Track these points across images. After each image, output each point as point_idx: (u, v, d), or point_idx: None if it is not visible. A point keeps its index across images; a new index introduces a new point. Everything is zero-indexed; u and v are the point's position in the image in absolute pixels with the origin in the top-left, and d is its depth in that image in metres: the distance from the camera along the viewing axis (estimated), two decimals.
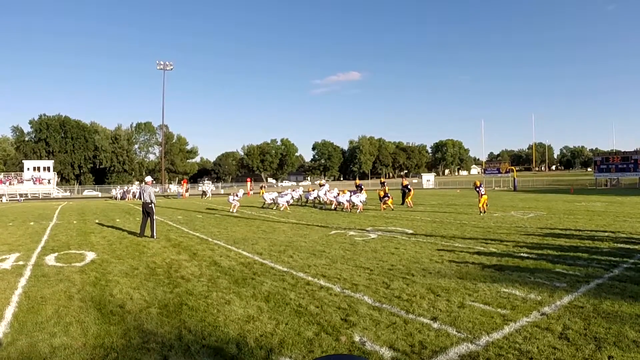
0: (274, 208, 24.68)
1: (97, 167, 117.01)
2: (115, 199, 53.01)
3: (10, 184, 70.98)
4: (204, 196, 51.12)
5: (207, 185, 63.29)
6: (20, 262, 9.22)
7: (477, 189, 19.62)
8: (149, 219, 13.43)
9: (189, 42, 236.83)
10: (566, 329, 4.60)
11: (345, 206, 21.98)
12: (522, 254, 8.85)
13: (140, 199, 14.12)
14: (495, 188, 62.49)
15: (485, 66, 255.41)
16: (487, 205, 19.68)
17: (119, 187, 64.33)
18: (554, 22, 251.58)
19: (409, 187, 25.43)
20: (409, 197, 24.81)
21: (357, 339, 4.47)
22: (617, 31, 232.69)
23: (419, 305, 5.55)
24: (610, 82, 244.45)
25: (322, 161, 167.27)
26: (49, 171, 78.26)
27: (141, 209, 13.91)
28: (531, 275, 6.96)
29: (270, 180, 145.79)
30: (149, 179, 14.33)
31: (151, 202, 13.46)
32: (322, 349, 4.24)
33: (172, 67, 75.87)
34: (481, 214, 18.34)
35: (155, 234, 13.10)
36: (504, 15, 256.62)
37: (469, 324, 4.80)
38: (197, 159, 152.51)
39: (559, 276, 6.90)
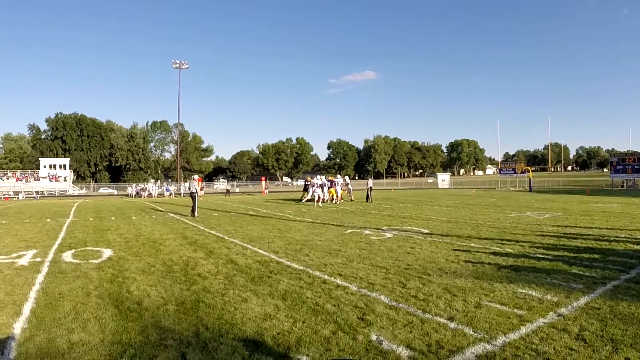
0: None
1: (113, 165, 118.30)
2: (131, 196, 53.53)
3: (26, 181, 72.11)
4: (227, 194, 51.35)
5: (222, 184, 63.63)
6: (38, 259, 9.32)
7: (331, 183, 29.17)
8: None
9: (205, 41, 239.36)
10: (583, 330, 4.58)
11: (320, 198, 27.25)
12: (538, 255, 8.80)
13: (189, 189, 21.67)
14: (511, 188, 62.10)
15: (501, 66, 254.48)
16: (338, 197, 29.31)
17: (134, 185, 64.80)
18: (570, 23, 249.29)
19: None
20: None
21: (373, 338, 4.49)
22: (632, 32, 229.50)
23: (436, 304, 5.56)
24: (626, 83, 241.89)
25: (337, 160, 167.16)
26: (65, 169, 79.48)
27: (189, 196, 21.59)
28: (547, 276, 6.93)
29: (285, 179, 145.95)
30: (196, 176, 21.95)
31: (195, 191, 19.92)
32: (339, 348, 4.27)
33: (187, 66, 76.30)
34: (335, 202, 28.08)
35: (196, 215, 19.13)
36: (520, 15, 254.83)
37: (485, 324, 4.81)
38: (213, 158, 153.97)
39: (575, 277, 6.86)
